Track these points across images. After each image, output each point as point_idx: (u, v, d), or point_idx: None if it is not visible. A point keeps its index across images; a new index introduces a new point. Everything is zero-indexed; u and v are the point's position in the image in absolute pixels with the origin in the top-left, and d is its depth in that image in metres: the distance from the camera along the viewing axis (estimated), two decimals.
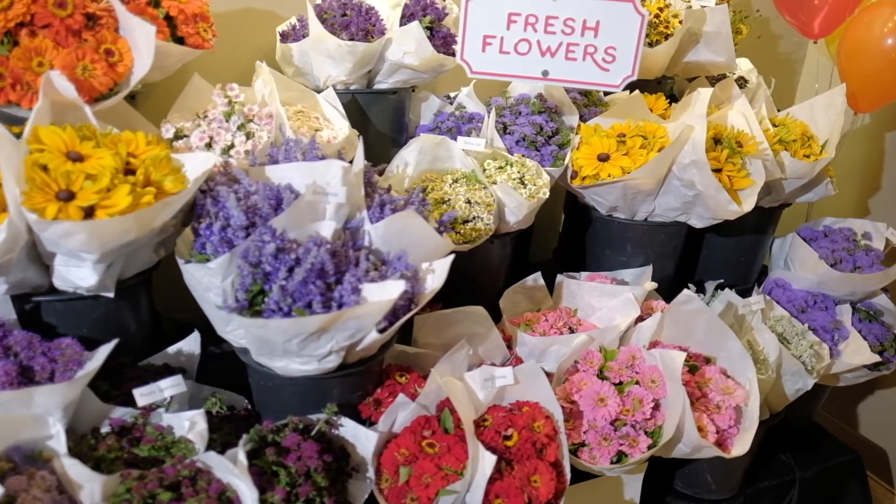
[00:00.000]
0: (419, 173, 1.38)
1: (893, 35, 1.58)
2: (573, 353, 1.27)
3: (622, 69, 1.15)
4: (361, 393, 1.14)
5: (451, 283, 1.46)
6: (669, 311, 1.29)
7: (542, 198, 1.36)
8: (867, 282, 1.51)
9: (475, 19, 1.09)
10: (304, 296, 0.94)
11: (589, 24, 1.12)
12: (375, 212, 1.08)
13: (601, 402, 1.18)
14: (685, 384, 1.22)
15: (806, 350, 1.37)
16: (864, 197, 2.15)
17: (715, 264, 1.78)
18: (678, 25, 1.62)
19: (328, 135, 1.27)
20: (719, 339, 1.28)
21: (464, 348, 1.23)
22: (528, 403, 1.16)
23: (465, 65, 1.11)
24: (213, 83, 1.30)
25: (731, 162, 1.39)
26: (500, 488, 1.04)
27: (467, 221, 1.31)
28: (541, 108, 1.49)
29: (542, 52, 1.13)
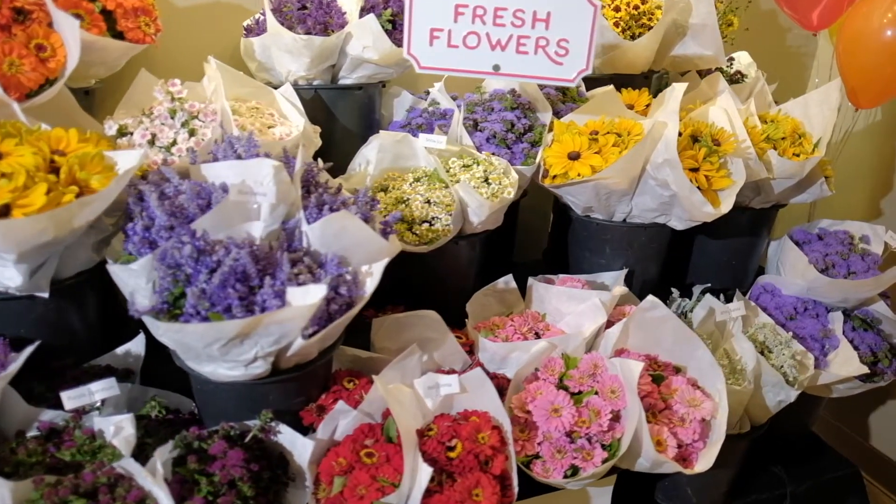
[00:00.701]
0: (380, 172, 1.34)
1: (892, 26, 1.47)
2: (532, 360, 1.21)
3: (576, 63, 1.08)
4: (303, 399, 1.09)
5: (417, 285, 1.42)
6: (634, 317, 1.21)
7: (507, 198, 1.30)
8: (859, 288, 1.41)
9: (420, 11, 1.04)
10: (222, 300, 0.89)
11: (539, 16, 1.05)
12: (313, 212, 1.03)
13: (555, 412, 1.12)
14: (647, 395, 1.15)
15: (787, 360, 1.28)
16: (876, 198, 2.03)
17: (706, 267, 1.69)
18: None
19: (281, 131, 1.23)
20: (688, 348, 1.20)
21: (415, 354, 1.18)
22: (477, 413, 1.10)
23: (412, 60, 1.06)
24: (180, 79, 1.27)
25: (709, 161, 1.31)
26: (438, 501, 0.99)
27: (426, 222, 1.26)
28: (514, 105, 1.43)
29: (493, 45, 1.07)
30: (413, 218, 1.25)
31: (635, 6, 1.48)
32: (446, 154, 1.36)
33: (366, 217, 1.10)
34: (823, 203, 2.19)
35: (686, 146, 1.32)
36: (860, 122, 2.04)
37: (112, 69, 1.16)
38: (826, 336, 1.42)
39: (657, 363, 1.24)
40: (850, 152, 2.09)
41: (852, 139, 2.09)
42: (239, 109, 1.23)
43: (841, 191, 2.14)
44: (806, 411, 1.67)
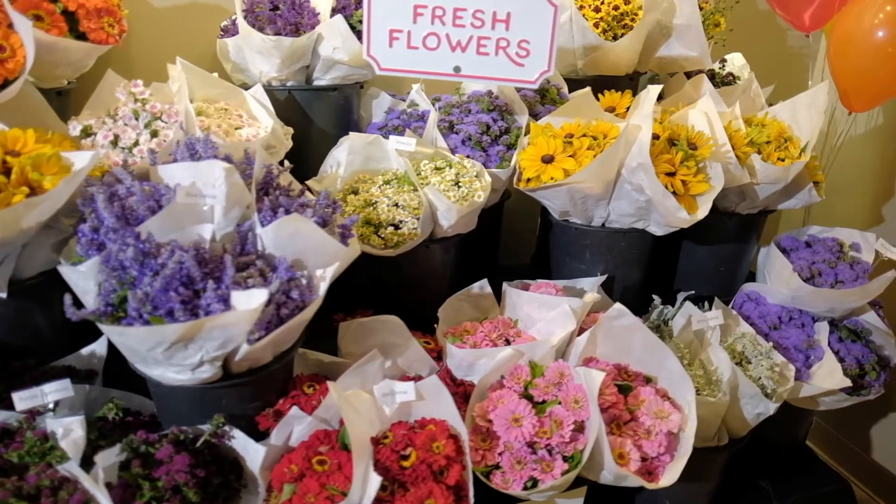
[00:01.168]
0: (351, 174, 1.32)
1: (886, 26, 1.41)
2: (498, 368, 1.18)
3: (538, 64, 1.05)
4: (259, 404, 1.08)
5: (390, 289, 1.40)
6: (601, 325, 1.18)
7: (477, 201, 1.27)
8: (845, 298, 1.36)
9: (379, 12, 1.02)
10: (164, 303, 0.88)
11: (499, 17, 1.03)
12: (267, 215, 1.02)
13: (516, 422, 1.09)
14: (612, 406, 1.12)
15: (764, 372, 1.23)
16: (877, 203, 1.96)
17: (693, 274, 1.65)
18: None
19: (248, 133, 1.22)
20: (658, 358, 1.17)
21: (376, 359, 1.16)
22: (435, 421, 1.08)
23: (372, 61, 1.04)
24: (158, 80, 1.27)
25: (686, 165, 1.27)
26: None
27: (393, 225, 1.24)
28: (490, 107, 1.40)
29: (453, 46, 1.05)
30: (379, 221, 1.23)
31: (615, 6, 1.44)
32: (419, 156, 1.34)
33: (324, 220, 1.08)
34: (822, 208, 2.14)
35: (663, 150, 1.28)
36: (860, 126, 1.98)
37: (79, 70, 1.16)
38: (810, 347, 1.37)
39: (627, 372, 1.20)
40: (851, 157, 2.03)
41: (853, 143, 2.03)
42: (206, 111, 1.22)
43: (841, 196, 2.08)
44: (794, 423, 1.62)
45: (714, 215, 1.54)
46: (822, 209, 2.13)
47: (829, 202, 2.12)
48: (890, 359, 1.45)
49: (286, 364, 1.10)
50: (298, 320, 0.99)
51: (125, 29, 1.16)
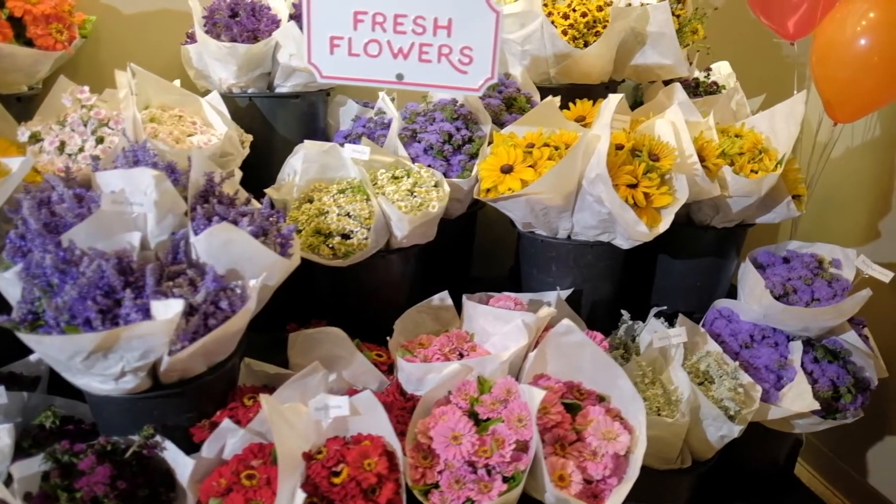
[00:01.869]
0: (307, 182, 1.31)
1: (868, 34, 1.36)
2: (444, 383, 1.15)
3: (481, 71, 1.03)
4: (193, 415, 1.06)
5: (348, 299, 1.38)
6: (549, 342, 1.15)
7: (431, 212, 1.25)
8: (819, 316, 1.30)
9: (319, 18, 1.00)
10: (82, 312, 0.87)
11: (441, 23, 1.00)
12: (200, 223, 1.01)
13: (455, 440, 1.06)
14: (557, 425, 1.08)
15: (725, 393, 1.19)
16: (875, 218, 1.89)
17: (670, 289, 1.60)
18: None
19: (200, 140, 1.21)
20: (609, 376, 1.13)
21: (318, 372, 1.14)
22: (371, 437, 1.05)
23: (313, 69, 1.02)
24: None
25: (649, 177, 1.23)
26: None
27: (344, 235, 1.22)
28: (454, 116, 1.38)
29: (395, 53, 1.03)
30: (329, 231, 1.21)
31: (583, 13, 1.41)
32: (377, 165, 1.33)
33: (264, 230, 1.07)
34: (817, 222, 2.08)
35: (625, 161, 1.24)
36: (857, 137, 1.91)
37: (32, 76, 1.17)
38: (782, 367, 1.32)
39: (580, 391, 1.16)
40: (848, 169, 1.97)
41: (850, 155, 1.96)
42: (160, 117, 1.22)
43: (838, 209, 2.01)
44: (774, 445, 1.56)
45: (689, 229, 1.51)
46: (817, 223, 2.07)
47: (825, 216, 2.06)
48: (870, 381, 1.39)
49: (223, 375, 1.09)
50: (225, 331, 0.97)
51: (75, 35, 1.16)
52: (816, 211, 2.11)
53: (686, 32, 1.51)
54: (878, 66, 1.38)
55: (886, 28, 1.36)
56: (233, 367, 1.13)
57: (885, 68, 1.38)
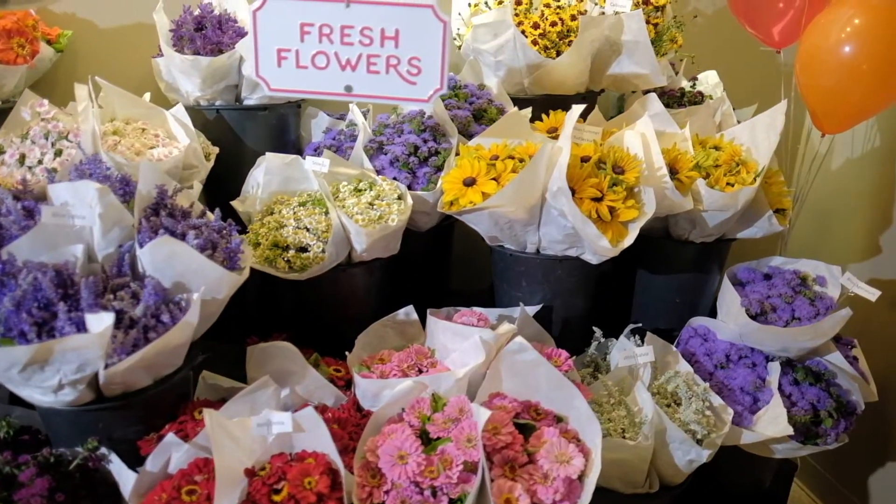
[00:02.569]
0: (269, 195, 1.32)
1: (853, 41, 1.32)
2: (397, 400, 1.15)
3: (430, 82, 1.03)
4: (141, 428, 1.07)
5: (312, 312, 1.38)
6: (503, 360, 1.13)
7: (390, 225, 1.25)
8: (797, 336, 1.27)
9: (266, 31, 1.01)
10: (17, 324, 0.89)
11: (388, 34, 1.00)
12: (146, 236, 1.02)
13: (401, 459, 1.05)
14: (507, 447, 1.07)
15: (691, 416, 1.16)
16: (872, 232, 1.83)
17: (649, 305, 1.57)
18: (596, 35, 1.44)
19: (161, 152, 1.23)
20: (565, 396, 1.11)
21: (269, 387, 1.15)
22: (316, 454, 1.05)
23: (262, 82, 1.03)
24: None
25: (614, 190, 1.21)
26: None
27: (302, 249, 1.22)
28: (421, 127, 1.37)
29: (342, 65, 1.03)
30: (287, 244, 1.21)
31: (553, 23, 1.39)
32: (341, 177, 1.33)
33: (213, 244, 1.07)
34: (815, 236, 2.02)
35: (590, 173, 1.23)
36: (857, 148, 1.86)
37: None
38: (758, 389, 1.28)
39: (537, 411, 1.14)
40: (846, 180, 1.91)
41: (850, 166, 1.91)
42: (122, 130, 1.24)
43: (835, 222, 1.96)
44: (760, 469, 1.51)
45: (668, 243, 1.48)
46: (814, 236, 2.02)
47: (822, 229, 2.00)
48: (855, 405, 1.34)
49: (171, 388, 1.09)
50: (165, 344, 0.98)
51: (38, 50, 1.19)
52: (813, 224, 2.06)
53: (665, 41, 1.48)
54: (865, 73, 1.34)
55: (872, 34, 1.32)
56: (183, 380, 1.14)
57: (872, 76, 1.34)
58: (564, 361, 1.28)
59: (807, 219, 2.09)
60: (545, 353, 1.30)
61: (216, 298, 1.08)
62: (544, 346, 1.31)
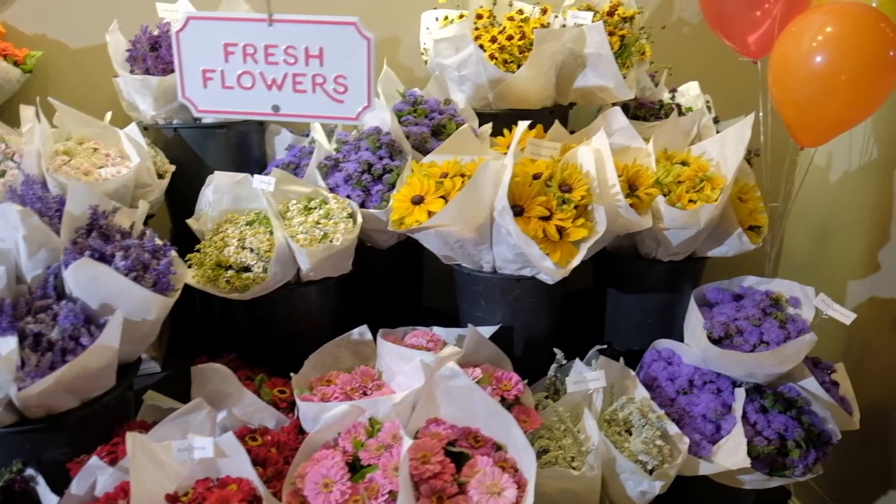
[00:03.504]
0: (220, 213, 1.31)
1: (824, 50, 1.25)
2: (332, 424, 1.12)
3: (357, 100, 1.00)
4: (70, 450, 1.06)
5: (262, 332, 1.37)
6: (437, 385, 1.09)
7: (335, 245, 1.22)
8: (761, 361, 1.19)
9: (189, 51, 1.00)
10: None
11: (312, 52, 0.98)
12: (70, 258, 1.01)
13: (326, 487, 1.02)
14: (435, 476, 1.02)
15: (639, 446, 1.10)
16: (874, 248, 1.73)
17: (622, 326, 1.52)
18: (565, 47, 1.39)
19: (109, 172, 1.23)
20: (502, 424, 1.07)
21: (202, 409, 1.13)
22: (241, 481, 1.02)
23: (188, 103, 1.02)
24: None
25: (563, 209, 1.16)
26: None
27: (245, 269, 1.21)
28: (377, 144, 1.35)
29: (268, 85, 1.01)
30: (229, 264, 1.20)
31: (509, 36, 1.35)
32: (293, 196, 1.31)
33: (143, 264, 1.07)
34: (816, 251, 1.92)
35: (539, 191, 1.18)
36: (855, 162, 1.77)
37: None
38: (721, 416, 1.21)
39: (476, 438, 1.10)
40: (846, 194, 1.82)
41: (848, 179, 1.81)
42: (74, 150, 1.25)
43: (836, 237, 1.86)
44: (741, 498, 1.42)
45: (637, 262, 1.42)
46: (815, 252, 1.93)
47: (823, 244, 1.90)
48: (830, 434, 1.26)
49: (102, 409, 1.08)
50: (83, 367, 0.97)
51: None
52: (812, 240, 1.96)
53: (633, 53, 1.43)
54: (840, 84, 1.27)
55: (845, 43, 1.24)
56: (118, 401, 1.13)
57: (847, 86, 1.26)
58: (514, 386, 1.23)
59: (805, 234, 2.00)
60: (495, 376, 1.26)
61: (146, 320, 1.07)
62: (496, 369, 1.27)
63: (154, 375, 1.42)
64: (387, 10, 1.67)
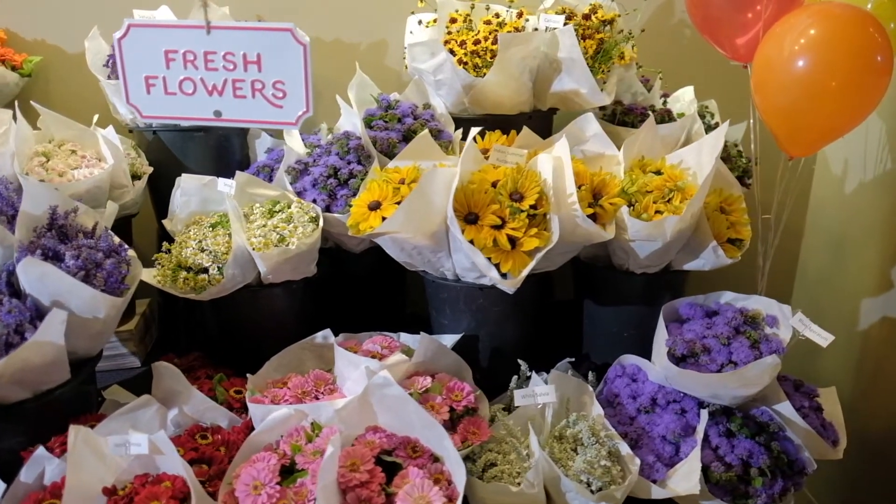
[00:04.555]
0: (189, 214, 1.34)
1: (808, 54, 1.17)
2: (274, 427, 1.13)
3: (296, 105, 1.01)
4: (24, 439, 1.11)
5: (229, 332, 1.39)
6: (371, 393, 1.08)
7: (290, 249, 1.23)
8: (724, 382, 1.14)
9: (132, 59, 1.03)
10: None
11: (250, 58, 1.00)
12: (22, 256, 1.05)
13: (255, 489, 1.03)
14: (362, 485, 1.01)
15: (581, 465, 1.06)
16: (886, 265, 1.63)
17: (599, 339, 1.47)
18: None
19: (82, 173, 1.28)
20: (435, 436, 1.05)
21: (151, 405, 1.16)
22: (175, 478, 1.04)
23: (133, 110, 1.05)
24: None
25: (517, 217, 1.14)
26: None
27: (203, 271, 1.23)
28: (346, 149, 1.35)
29: (209, 90, 1.03)
30: (188, 265, 1.23)
31: (476, 41, 1.33)
32: (260, 198, 1.33)
33: (96, 263, 1.10)
34: (831, 266, 1.82)
35: (493, 199, 1.16)
36: (870, 172, 1.66)
37: None
38: (681, 438, 1.16)
39: (415, 448, 1.09)
40: (864, 206, 1.71)
41: (865, 192, 1.70)
42: (52, 152, 1.30)
43: (853, 251, 1.75)
44: None
45: (614, 274, 1.38)
46: (831, 265, 1.82)
47: (838, 257, 1.80)
48: (803, 463, 1.18)
49: (57, 401, 1.12)
50: (21, 360, 1.01)
51: None
52: (827, 252, 1.85)
53: (613, 56, 1.38)
54: (825, 90, 1.19)
55: (830, 46, 1.17)
56: (77, 394, 1.17)
57: (833, 93, 1.19)
58: (465, 396, 1.21)
59: (821, 248, 1.89)
60: (447, 386, 1.24)
61: (97, 318, 1.11)
62: (451, 379, 1.25)
63: (132, 371, 1.47)
64: (376, 13, 1.68)
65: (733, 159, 1.53)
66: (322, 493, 0.95)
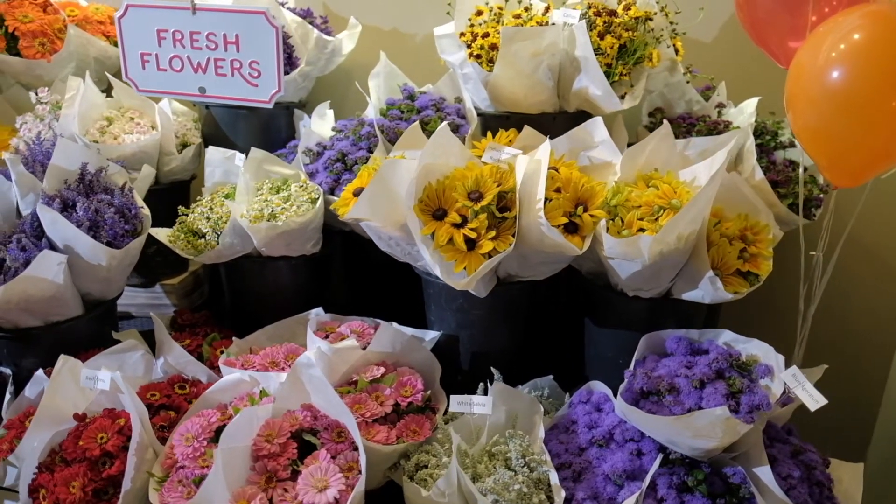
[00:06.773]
0: (213, 184, 1.45)
1: (844, 63, 0.98)
2: (227, 388, 1.21)
3: (269, 84, 1.07)
4: (38, 360, 1.29)
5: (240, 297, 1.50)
6: (297, 372, 1.10)
7: (278, 224, 1.29)
8: (675, 427, 1.00)
9: (130, 36, 1.13)
10: None
11: (229, 39, 1.06)
12: (42, 202, 1.22)
13: (187, 441, 1.11)
14: (270, 457, 1.05)
15: (490, 485, 1.00)
16: None
17: (595, 360, 1.37)
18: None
19: (132, 138, 1.44)
20: (347, 422, 1.06)
21: (137, 350, 1.31)
22: (129, 416, 1.15)
23: (131, 83, 1.16)
24: None
25: (479, 219, 1.10)
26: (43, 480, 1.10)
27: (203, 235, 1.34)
28: (359, 135, 1.39)
29: (195, 68, 1.11)
30: (193, 228, 1.34)
31: (485, 34, 1.26)
32: (276, 175, 1.41)
33: (103, 216, 1.24)
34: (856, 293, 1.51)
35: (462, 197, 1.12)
36: None
37: (39, 80, 1.51)
38: (620, 482, 1.04)
39: (340, 433, 1.10)
40: None
41: None
42: (114, 117, 1.48)
43: None
44: None
45: (608, 294, 1.27)
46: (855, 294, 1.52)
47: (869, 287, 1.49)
48: None
49: (68, 332, 1.29)
50: (20, 289, 1.17)
51: (57, 48, 1.47)
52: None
53: (642, 58, 1.25)
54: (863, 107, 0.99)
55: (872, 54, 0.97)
56: (87, 328, 1.33)
57: (874, 111, 0.99)
58: (414, 393, 1.19)
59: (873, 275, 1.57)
60: (400, 380, 1.23)
61: (101, 265, 1.25)
62: (411, 374, 1.24)
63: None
64: (434, 3, 1.67)
65: (791, 183, 1.32)
66: (222, 455, 1.00)
